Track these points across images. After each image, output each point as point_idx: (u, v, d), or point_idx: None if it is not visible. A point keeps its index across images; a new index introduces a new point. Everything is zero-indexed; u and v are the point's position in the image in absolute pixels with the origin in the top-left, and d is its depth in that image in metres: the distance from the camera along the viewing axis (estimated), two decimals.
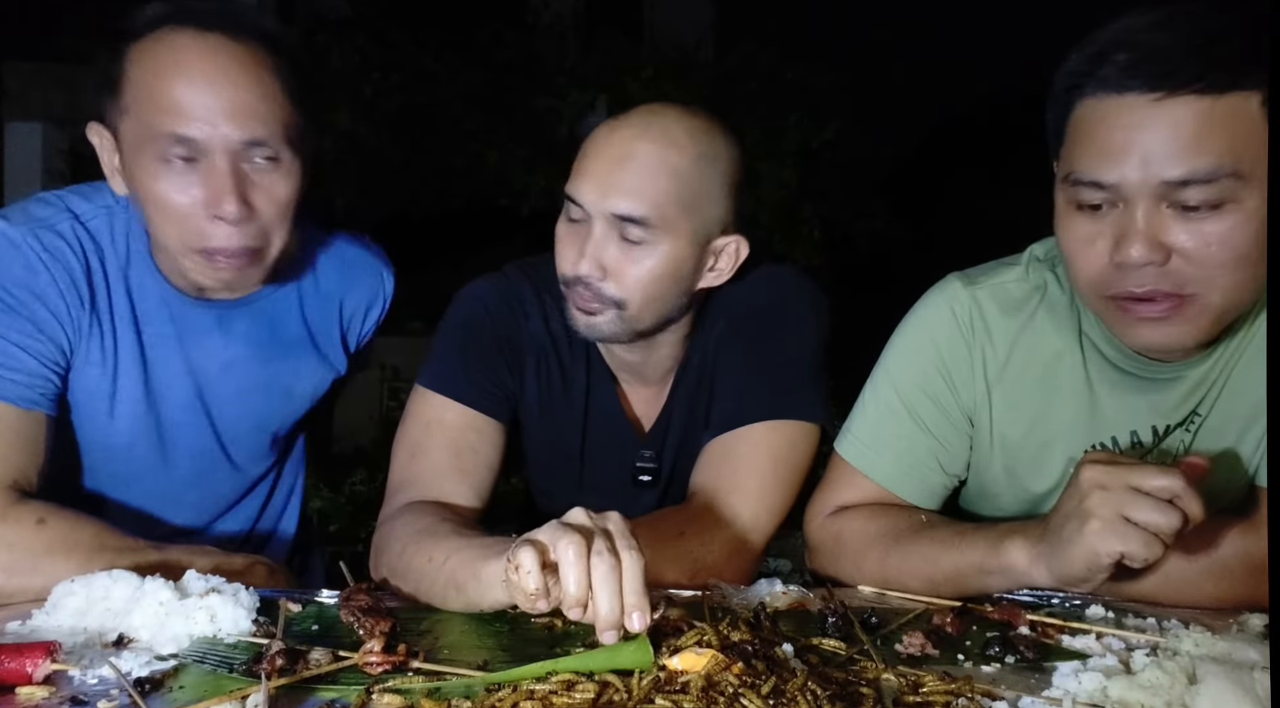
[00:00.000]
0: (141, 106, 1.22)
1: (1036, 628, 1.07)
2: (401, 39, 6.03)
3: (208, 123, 1.20)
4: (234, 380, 1.41)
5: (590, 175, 1.27)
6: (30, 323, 1.24)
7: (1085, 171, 1.08)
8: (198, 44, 1.21)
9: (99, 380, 1.31)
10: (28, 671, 0.88)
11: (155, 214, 1.24)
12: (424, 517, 1.20)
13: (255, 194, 1.24)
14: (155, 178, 1.22)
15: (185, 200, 1.22)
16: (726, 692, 0.81)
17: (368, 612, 1.01)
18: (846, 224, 6.15)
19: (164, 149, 1.20)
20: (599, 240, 1.27)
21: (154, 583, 1.02)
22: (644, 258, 1.28)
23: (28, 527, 1.16)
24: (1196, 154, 1.02)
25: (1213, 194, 1.02)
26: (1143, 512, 0.99)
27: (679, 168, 1.26)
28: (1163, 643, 1.00)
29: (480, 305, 1.41)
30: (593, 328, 1.32)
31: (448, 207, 5.98)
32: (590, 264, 1.27)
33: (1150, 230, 1.05)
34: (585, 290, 1.29)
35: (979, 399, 1.31)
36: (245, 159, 1.23)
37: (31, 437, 1.23)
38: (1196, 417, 1.22)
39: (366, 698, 0.86)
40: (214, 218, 1.22)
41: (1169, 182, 1.03)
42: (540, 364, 1.42)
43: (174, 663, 0.94)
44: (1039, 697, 0.89)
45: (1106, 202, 1.08)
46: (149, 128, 1.21)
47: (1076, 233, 1.12)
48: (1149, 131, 1.03)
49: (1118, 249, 1.07)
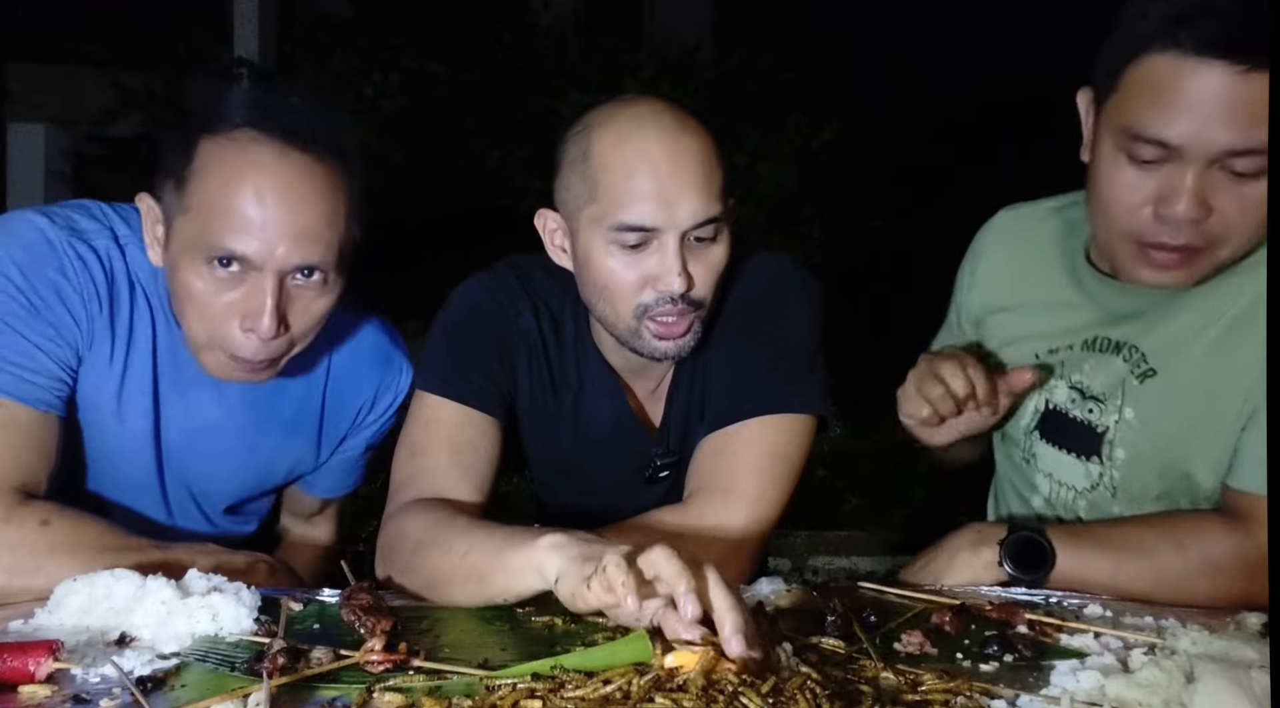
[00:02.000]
0: (205, 211, 1.20)
1: (1035, 627, 1.07)
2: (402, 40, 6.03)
3: (267, 244, 1.19)
4: (210, 442, 1.39)
5: (651, 196, 1.21)
6: (51, 326, 1.24)
7: (1149, 128, 1.12)
8: (274, 161, 1.20)
9: (105, 387, 1.31)
10: (30, 669, 0.88)
11: (189, 308, 1.24)
12: (435, 512, 1.21)
13: (293, 311, 1.24)
14: (199, 278, 1.21)
15: (223, 306, 1.22)
16: (726, 690, 0.82)
17: (369, 611, 1.02)
18: (846, 224, 6.15)
19: (214, 254, 1.20)
20: (680, 253, 1.23)
21: (156, 582, 1.03)
22: (714, 252, 1.27)
23: (31, 528, 1.16)
24: (1259, 128, 1.06)
25: (1259, 165, 1.08)
26: (924, 384, 1.29)
27: (712, 150, 1.25)
28: (1160, 642, 1.00)
29: (470, 305, 1.41)
30: (682, 349, 1.29)
31: (448, 206, 5.97)
32: (684, 280, 1.23)
33: (1201, 190, 1.11)
34: (672, 307, 1.24)
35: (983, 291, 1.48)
36: (291, 276, 1.23)
37: (43, 438, 1.23)
38: (1135, 351, 1.29)
39: (368, 697, 0.86)
40: (247, 330, 1.22)
41: (1233, 150, 1.08)
42: (532, 360, 1.41)
43: (176, 662, 0.94)
44: (1037, 695, 0.89)
45: (1162, 158, 1.12)
46: (205, 234, 1.19)
47: (1122, 180, 1.16)
48: (1226, 101, 1.07)
49: (1164, 202, 1.13)
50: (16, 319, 1.22)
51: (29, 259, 1.24)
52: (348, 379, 1.47)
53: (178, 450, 1.38)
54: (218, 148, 1.21)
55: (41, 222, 1.26)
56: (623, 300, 1.26)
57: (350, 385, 1.48)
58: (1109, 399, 1.31)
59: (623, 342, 1.32)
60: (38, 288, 1.23)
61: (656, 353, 1.29)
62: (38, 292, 1.23)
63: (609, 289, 1.26)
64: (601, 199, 1.23)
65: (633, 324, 1.27)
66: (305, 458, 1.49)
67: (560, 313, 1.42)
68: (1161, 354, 1.26)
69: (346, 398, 1.48)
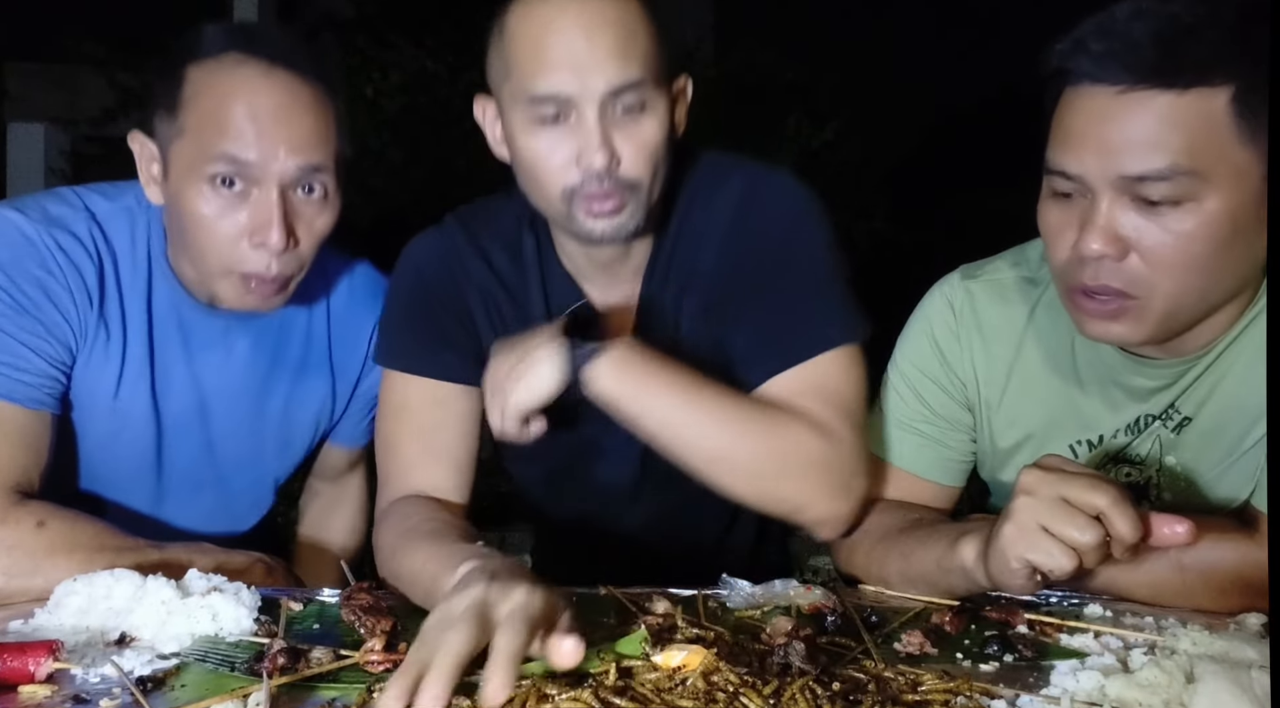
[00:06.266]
0: (201, 129, 1.22)
1: (1035, 627, 1.07)
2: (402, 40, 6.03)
3: (267, 149, 1.21)
4: (226, 403, 1.40)
5: (561, 63, 1.14)
6: (40, 324, 1.24)
7: (1055, 160, 1.09)
8: (263, 76, 1.22)
9: (103, 380, 1.31)
10: (30, 669, 0.88)
11: (197, 234, 1.24)
12: (407, 519, 1.20)
13: (298, 226, 1.25)
14: (203, 201, 1.22)
15: (231, 226, 1.23)
16: (727, 690, 0.82)
17: (369, 611, 1.02)
18: (846, 224, 6.14)
19: (215, 171, 1.21)
20: (601, 126, 1.15)
21: (156, 582, 1.03)
22: (645, 126, 1.18)
23: (28, 530, 1.16)
24: (1153, 149, 1.01)
25: (1171, 191, 1.02)
26: (1058, 523, 0.96)
27: (637, 14, 1.17)
28: (1160, 642, 1.00)
29: (412, 269, 1.36)
30: (620, 228, 1.20)
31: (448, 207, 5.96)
32: (605, 153, 1.15)
33: (1109, 223, 1.05)
34: (599, 187, 1.16)
35: (970, 387, 1.32)
36: (295, 190, 1.24)
37: (36, 437, 1.23)
38: (1175, 412, 1.21)
39: (367, 697, 0.86)
40: (257, 245, 1.23)
41: (1128, 176, 1.03)
42: (489, 307, 1.34)
43: (176, 662, 0.94)
44: (1037, 695, 0.89)
45: (1076, 191, 1.08)
46: (206, 151, 1.21)
47: (1048, 220, 1.13)
48: (1110, 123, 1.03)
49: (1080, 240, 1.07)
50: (4, 319, 1.22)
51: (11, 258, 1.23)
52: (349, 317, 1.48)
53: (186, 422, 1.38)
54: (206, 72, 1.23)
55: (16, 218, 1.25)
56: (550, 182, 1.19)
57: (353, 321, 1.48)
58: (1148, 458, 1.24)
59: (564, 229, 1.25)
60: (23, 287, 1.23)
61: (593, 235, 1.20)
62: (24, 291, 1.23)
63: (535, 171, 1.20)
64: (514, 73, 1.18)
65: (563, 208, 1.20)
66: (324, 403, 1.49)
67: (516, 235, 1.35)
68: (1192, 401, 1.20)
69: (352, 334, 1.49)
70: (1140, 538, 0.96)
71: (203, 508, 1.44)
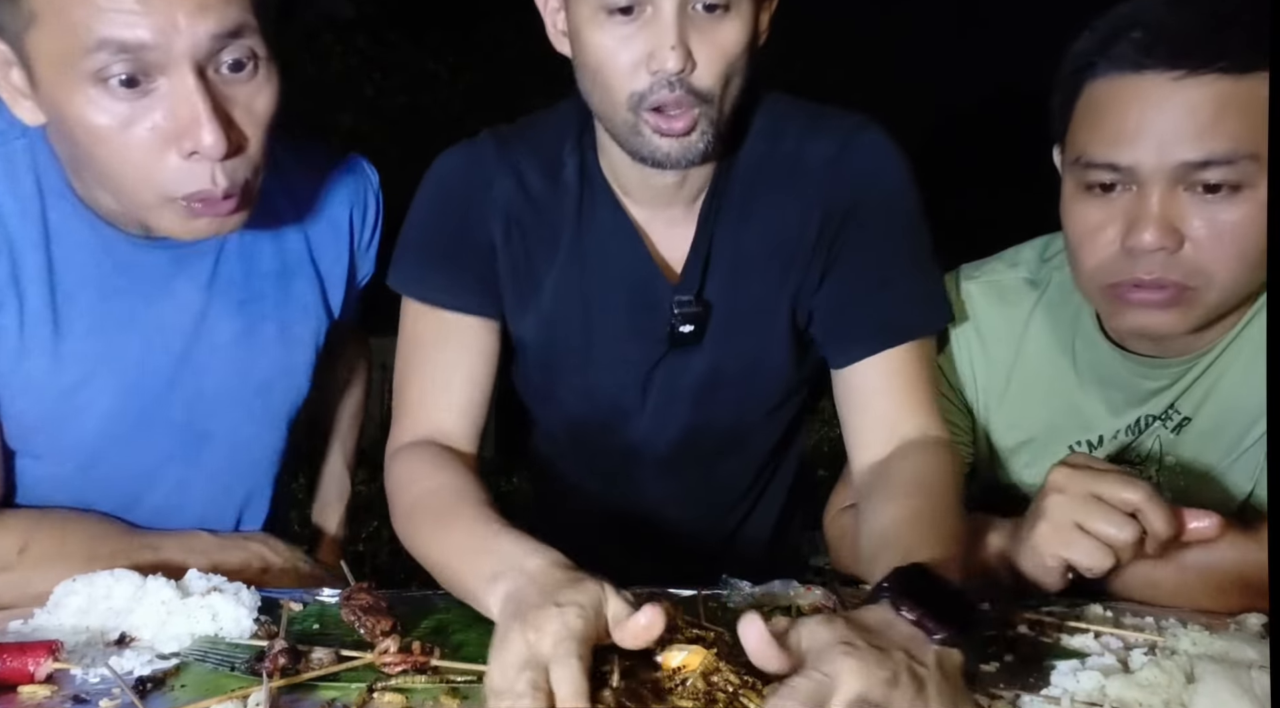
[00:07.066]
0: (61, 9, 0.89)
1: (1035, 627, 1.07)
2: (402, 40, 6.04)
3: (163, 21, 0.89)
4: (210, 339, 1.17)
5: None
6: None
7: (1098, 153, 1.06)
8: None
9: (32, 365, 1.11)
10: (30, 669, 0.88)
11: (107, 159, 0.95)
12: (415, 482, 1.13)
13: (236, 114, 0.97)
14: (98, 110, 0.92)
15: (146, 137, 0.93)
16: (727, 690, 0.82)
17: (369, 611, 1.02)
18: None
19: (100, 65, 0.90)
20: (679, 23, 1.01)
21: (156, 582, 1.03)
22: (727, 29, 1.05)
23: (8, 555, 1.10)
24: (1216, 135, 1.01)
25: (1232, 176, 1.01)
26: (1094, 521, 0.96)
27: None
28: (1161, 642, 1.00)
29: (435, 185, 1.25)
30: (688, 151, 1.08)
31: None
32: (680, 54, 1.01)
33: (1165, 214, 1.03)
34: (669, 94, 1.04)
35: (969, 389, 1.32)
36: (215, 67, 0.95)
37: None
38: (1175, 412, 1.20)
39: (368, 697, 0.86)
40: (190, 156, 0.95)
41: (1188, 163, 1.02)
42: (511, 230, 1.22)
43: (176, 662, 0.94)
44: (1037, 695, 0.89)
45: (1120, 184, 1.06)
46: (73, 36, 0.89)
47: (1086, 218, 1.10)
48: (1167, 112, 1.02)
49: (1129, 234, 1.05)
50: None
51: None
52: (319, 204, 1.26)
53: (164, 380, 1.17)
54: None
55: None
56: (617, 86, 1.06)
57: (325, 209, 1.27)
58: (1148, 458, 1.24)
59: (624, 145, 1.12)
60: None
61: (658, 154, 1.08)
62: None
63: (600, 72, 1.07)
64: None
65: (629, 118, 1.07)
66: (318, 307, 1.28)
67: (556, 153, 1.23)
68: (1191, 401, 1.20)
69: (328, 221, 1.28)
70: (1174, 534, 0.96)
71: (212, 467, 1.25)
